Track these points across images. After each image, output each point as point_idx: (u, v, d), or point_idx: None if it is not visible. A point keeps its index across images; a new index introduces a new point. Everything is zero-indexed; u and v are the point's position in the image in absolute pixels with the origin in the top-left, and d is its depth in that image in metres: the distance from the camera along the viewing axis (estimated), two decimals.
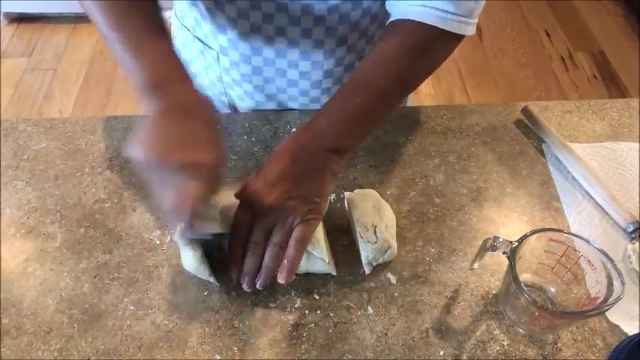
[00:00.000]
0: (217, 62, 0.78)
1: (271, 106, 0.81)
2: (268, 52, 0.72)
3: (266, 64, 0.74)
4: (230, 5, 0.67)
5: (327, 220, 0.63)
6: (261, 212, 0.54)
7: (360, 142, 0.60)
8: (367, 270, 0.58)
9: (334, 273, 0.57)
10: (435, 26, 0.58)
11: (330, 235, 0.61)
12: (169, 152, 0.48)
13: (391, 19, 0.62)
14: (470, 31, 0.60)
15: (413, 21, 0.58)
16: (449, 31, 0.59)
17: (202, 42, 0.78)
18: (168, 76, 0.53)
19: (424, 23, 0.58)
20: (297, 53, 0.72)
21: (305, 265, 0.56)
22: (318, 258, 0.56)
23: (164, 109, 0.50)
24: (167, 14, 0.65)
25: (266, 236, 0.54)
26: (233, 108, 0.85)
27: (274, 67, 0.75)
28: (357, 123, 0.58)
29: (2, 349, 0.53)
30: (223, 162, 0.51)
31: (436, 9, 0.57)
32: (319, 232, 0.57)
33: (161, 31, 0.56)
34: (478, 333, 0.54)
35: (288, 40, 0.70)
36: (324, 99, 0.79)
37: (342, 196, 0.65)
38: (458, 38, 0.61)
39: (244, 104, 0.82)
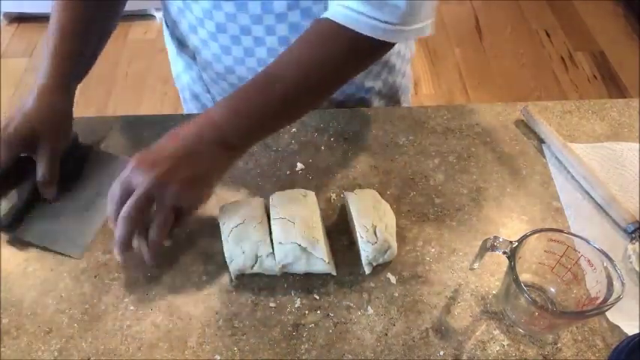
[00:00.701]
0: (194, 61, 0.79)
1: None
2: (237, 50, 0.73)
3: (237, 62, 0.75)
4: (195, 5, 0.69)
5: (327, 220, 0.63)
6: (141, 186, 0.52)
7: (251, 141, 0.58)
8: (367, 270, 0.58)
9: (334, 273, 0.57)
10: (361, 33, 0.54)
11: (330, 235, 0.61)
12: None
13: (323, 15, 0.57)
14: (401, 38, 0.56)
15: (337, 24, 0.54)
16: (377, 39, 0.54)
17: (180, 41, 0.79)
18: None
19: (348, 28, 0.54)
20: (264, 51, 0.72)
21: (305, 265, 0.56)
22: (318, 258, 0.56)
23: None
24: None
25: (140, 212, 0.52)
26: None
27: (245, 66, 0.75)
28: (250, 121, 0.56)
29: (2, 349, 0.53)
30: None
31: (363, 14, 0.53)
32: (319, 232, 0.57)
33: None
34: (478, 333, 0.54)
35: (254, 39, 0.71)
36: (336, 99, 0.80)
37: (342, 195, 0.65)
38: (385, 45, 0.57)
39: None
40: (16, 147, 0.61)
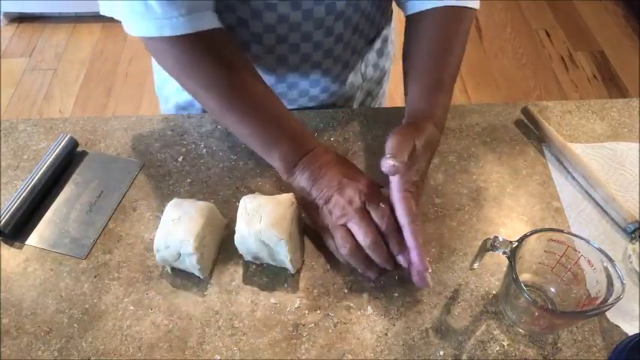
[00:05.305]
0: None
1: (291, 107, 0.81)
2: (293, 59, 0.73)
3: (291, 70, 0.75)
4: (255, 22, 0.67)
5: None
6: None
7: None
8: None
9: (292, 271, 0.57)
10: (461, 6, 0.64)
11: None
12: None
13: (413, 10, 0.66)
14: (476, 5, 0.67)
15: (437, 8, 0.64)
16: (470, 8, 0.66)
17: None
18: (305, 146, 0.60)
19: (452, 7, 0.64)
20: (320, 54, 0.73)
21: (267, 258, 0.57)
22: (281, 254, 0.56)
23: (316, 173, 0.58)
24: None
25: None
26: None
27: (298, 72, 0.76)
28: (448, 102, 0.65)
29: (2, 349, 0.53)
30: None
31: None
32: (286, 233, 0.55)
33: (279, 105, 0.63)
34: (478, 333, 0.54)
35: (313, 44, 0.71)
36: (342, 90, 0.82)
37: None
38: (474, 11, 0.67)
39: None
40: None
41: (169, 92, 0.87)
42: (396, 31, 0.90)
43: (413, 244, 0.53)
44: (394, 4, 0.79)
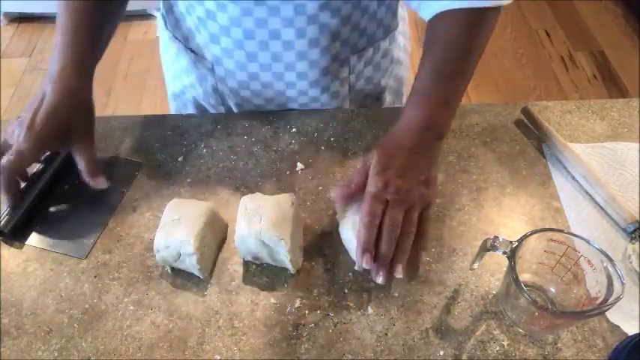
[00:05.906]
0: (212, 72, 0.78)
1: (271, 108, 0.81)
2: (264, 57, 0.72)
3: (262, 69, 0.74)
4: (221, 14, 0.67)
5: (326, 220, 0.63)
6: (395, 198, 0.55)
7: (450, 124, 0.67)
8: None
9: (292, 271, 0.58)
10: (476, 8, 0.62)
11: (329, 234, 0.61)
12: None
13: (430, 14, 0.64)
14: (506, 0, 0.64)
15: (454, 10, 0.62)
16: (489, 7, 0.63)
17: (196, 53, 0.77)
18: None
19: (466, 9, 0.62)
20: (292, 55, 0.72)
21: (267, 258, 0.57)
22: (281, 253, 0.56)
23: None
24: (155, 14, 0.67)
25: (396, 222, 0.54)
26: None
27: (271, 72, 0.74)
28: (451, 110, 0.63)
29: (2, 349, 0.53)
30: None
31: None
32: (286, 233, 0.56)
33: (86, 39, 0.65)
34: (478, 333, 0.54)
35: (282, 43, 0.70)
36: (324, 97, 0.80)
37: None
38: (498, 9, 0.66)
39: (243, 110, 0.82)
40: (47, 142, 0.60)
41: (168, 80, 0.88)
42: (406, 50, 0.88)
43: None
44: (407, 16, 0.78)
